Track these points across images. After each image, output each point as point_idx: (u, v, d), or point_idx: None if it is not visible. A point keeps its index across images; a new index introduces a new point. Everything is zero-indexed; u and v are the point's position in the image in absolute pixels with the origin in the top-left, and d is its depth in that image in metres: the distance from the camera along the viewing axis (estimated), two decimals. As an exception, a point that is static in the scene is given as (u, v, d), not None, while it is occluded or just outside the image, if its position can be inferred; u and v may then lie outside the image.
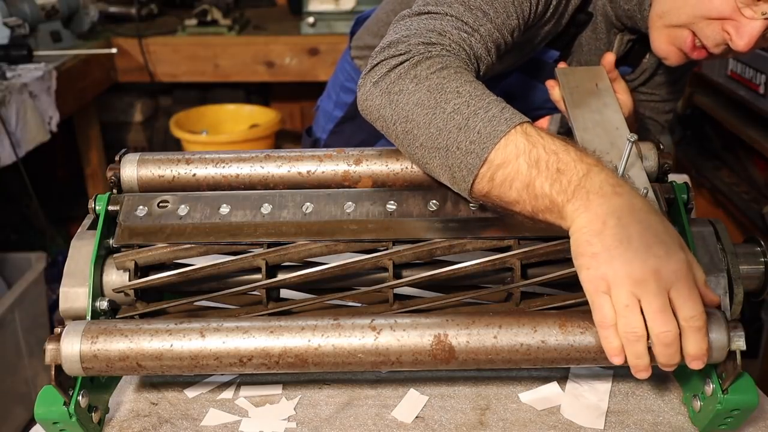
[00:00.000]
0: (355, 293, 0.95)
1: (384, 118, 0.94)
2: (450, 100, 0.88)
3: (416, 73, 0.92)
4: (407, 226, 0.92)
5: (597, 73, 1.10)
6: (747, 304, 0.92)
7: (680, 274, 0.74)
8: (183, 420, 0.91)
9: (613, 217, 0.77)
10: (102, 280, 0.93)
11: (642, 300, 0.74)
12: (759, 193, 2.31)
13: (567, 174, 0.81)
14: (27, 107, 2.23)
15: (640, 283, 0.74)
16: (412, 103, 0.90)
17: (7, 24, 2.44)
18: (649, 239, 0.75)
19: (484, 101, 0.87)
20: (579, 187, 0.79)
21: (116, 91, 3.17)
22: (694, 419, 0.88)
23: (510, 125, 0.84)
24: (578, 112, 1.02)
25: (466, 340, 0.82)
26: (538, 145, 0.83)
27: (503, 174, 0.84)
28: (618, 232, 0.76)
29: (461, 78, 0.91)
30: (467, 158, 0.85)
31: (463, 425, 0.89)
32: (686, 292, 0.74)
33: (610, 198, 0.78)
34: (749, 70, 2.29)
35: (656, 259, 0.74)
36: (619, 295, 0.75)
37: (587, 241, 0.77)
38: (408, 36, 0.96)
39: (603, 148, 0.95)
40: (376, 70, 0.95)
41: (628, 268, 0.74)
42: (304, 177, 0.99)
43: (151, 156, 1.01)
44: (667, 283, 0.74)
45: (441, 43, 0.95)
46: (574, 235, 0.79)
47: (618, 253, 0.75)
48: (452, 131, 0.87)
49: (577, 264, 0.79)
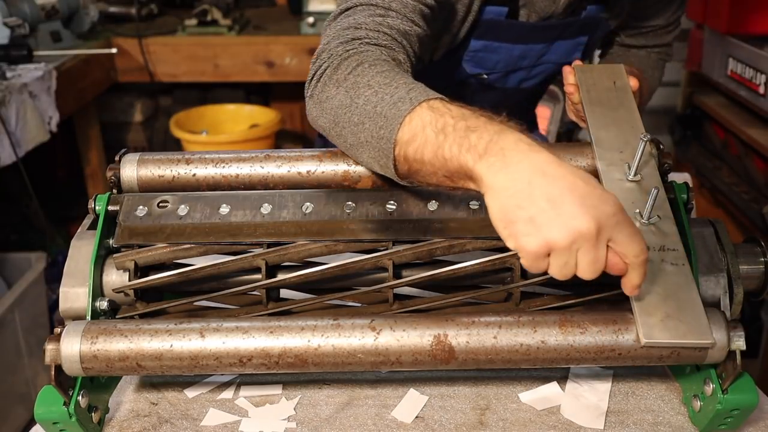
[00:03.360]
0: (355, 293, 0.95)
1: (323, 128, 0.96)
2: (361, 94, 0.88)
3: (337, 77, 0.93)
4: (407, 226, 0.92)
5: (615, 71, 1.10)
6: (747, 304, 0.92)
7: (619, 216, 0.72)
8: (183, 420, 0.91)
9: (538, 174, 0.72)
10: (102, 280, 0.93)
11: (579, 251, 0.72)
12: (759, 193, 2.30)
13: (477, 132, 0.77)
14: (27, 107, 2.23)
15: (583, 238, 0.71)
16: (335, 106, 0.91)
17: (7, 24, 2.44)
18: (579, 190, 0.72)
19: (392, 87, 0.87)
20: (492, 143, 0.75)
21: (116, 91, 3.17)
22: (694, 419, 0.88)
23: (414, 103, 0.83)
24: (594, 110, 1.02)
25: (465, 340, 0.82)
26: (446, 115, 0.81)
27: (414, 148, 0.82)
28: (548, 190, 0.71)
29: (374, 69, 0.91)
30: (381, 144, 0.85)
31: (463, 425, 0.89)
32: (629, 231, 0.73)
33: (528, 154, 0.74)
34: (749, 70, 2.29)
35: (594, 210, 0.71)
36: (560, 256, 0.72)
37: (517, 205, 0.72)
38: (328, 42, 0.97)
39: (617, 146, 0.95)
40: (310, 84, 0.97)
41: (571, 223, 0.70)
42: (304, 177, 0.99)
43: (151, 156, 1.01)
44: (608, 231, 0.72)
45: (358, 37, 0.96)
46: (497, 198, 0.74)
47: (555, 214, 0.71)
48: (366, 123, 0.87)
49: (507, 231, 0.74)
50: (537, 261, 0.73)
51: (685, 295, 0.80)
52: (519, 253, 0.74)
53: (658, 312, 0.78)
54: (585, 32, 1.31)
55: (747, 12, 2.37)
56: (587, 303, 0.92)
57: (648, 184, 0.90)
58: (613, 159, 0.94)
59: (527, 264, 0.74)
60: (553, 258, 0.73)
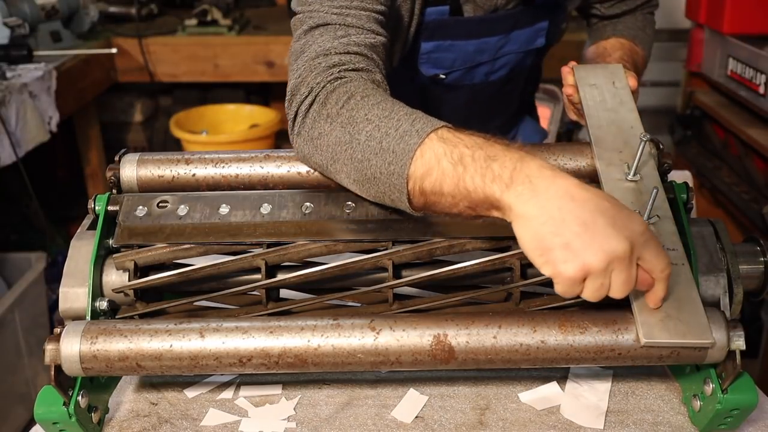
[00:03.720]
0: (355, 293, 0.95)
1: (318, 165, 0.94)
2: (362, 129, 0.87)
3: (328, 112, 0.91)
4: (407, 226, 0.92)
5: (614, 71, 1.10)
6: (747, 304, 0.92)
7: (647, 234, 0.74)
8: (183, 420, 0.91)
9: (567, 199, 0.73)
10: (102, 280, 0.93)
11: (614, 272, 0.73)
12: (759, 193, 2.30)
13: (498, 161, 0.77)
14: (27, 107, 2.23)
15: (619, 260, 0.72)
16: (332, 143, 0.90)
17: (7, 24, 2.44)
18: (609, 212, 0.73)
19: (393, 120, 0.86)
20: (516, 171, 0.76)
21: (116, 91, 3.17)
22: (694, 419, 0.88)
23: (422, 135, 0.82)
24: (593, 110, 1.02)
25: (465, 340, 0.82)
26: (459, 145, 0.80)
27: (431, 182, 0.81)
28: (579, 214, 0.72)
29: (369, 102, 0.89)
30: (392, 180, 0.84)
31: (463, 425, 0.89)
32: (656, 248, 0.74)
33: (554, 180, 0.74)
34: (749, 70, 2.29)
35: (625, 230, 0.72)
36: (596, 279, 0.73)
37: (552, 232, 0.73)
38: (303, 75, 0.95)
39: (617, 147, 0.95)
40: (295, 121, 0.95)
41: (607, 246, 0.71)
42: (303, 177, 0.99)
43: (151, 156, 1.01)
44: (639, 249, 0.73)
45: (333, 64, 0.94)
46: (529, 227, 0.74)
47: (590, 238, 0.72)
48: (371, 159, 0.85)
49: (544, 259, 0.74)
50: (573, 287, 0.74)
51: (685, 294, 0.80)
52: (555, 279, 0.74)
53: (658, 312, 0.78)
54: (543, 18, 1.31)
55: (747, 12, 2.36)
56: (587, 303, 0.91)
57: (647, 184, 0.90)
58: (612, 159, 0.94)
59: (562, 290, 0.74)
60: (589, 281, 0.73)
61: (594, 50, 1.38)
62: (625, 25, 1.41)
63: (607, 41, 1.38)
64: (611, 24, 1.43)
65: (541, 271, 0.75)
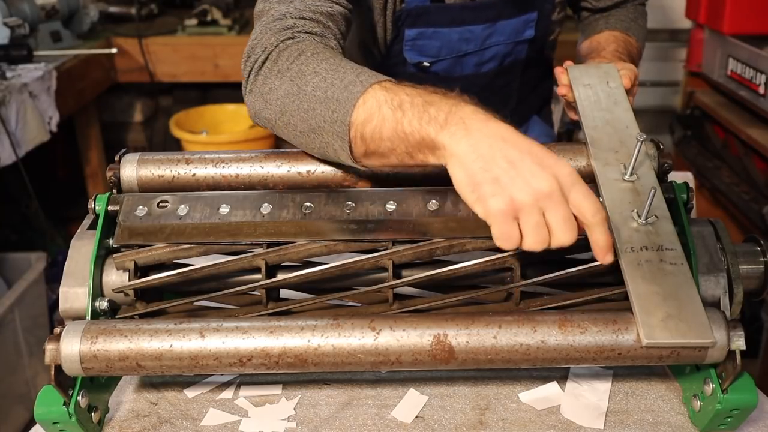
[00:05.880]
0: (355, 293, 0.95)
1: (267, 120, 0.97)
2: (309, 81, 0.91)
3: (279, 68, 0.95)
4: (407, 226, 0.92)
5: (608, 71, 1.10)
6: (747, 304, 0.92)
7: (574, 176, 0.76)
8: (183, 420, 0.91)
9: (498, 139, 0.77)
10: (102, 280, 0.93)
11: (547, 212, 0.75)
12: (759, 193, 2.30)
13: (435, 105, 0.81)
14: (27, 107, 2.23)
15: (547, 196, 0.74)
16: (281, 96, 0.93)
17: (7, 24, 2.44)
18: (536, 153, 0.76)
19: (340, 72, 0.89)
20: (451, 114, 0.79)
21: (116, 91, 3.17)
22: (694, 419, 0.88)
23: (365, 85, 0.86)
24: (588, 110, 1.02)
25: (465, 340, 0.82)
26: (400, 93, 0.84)
27: (371, 128, 0.85)
28: (508, 153, 0.76)
29: (318, 57, 0.93)
30: (335, 128, 0.87)
31: (463, 425, 0.89)
32: (584, 191, 0.76)
33: (487, 123, 0.79)
34: (749, 70, 2.29)
35: (551, 169, 0.75)
36: (530, 215, 0.75)
37: (483, 169, 0.76)
38: (259, 36, 0.99)
39: (613, 147, 0.95)
40: (248, 80, 0.99)
41: (533, 182, 0.74)
42: (303, 177, 0.99)
43: (151, 156, 1.01)
44: (566, 188, 0.75)
45: (288, 26, 0.99)
46: (462, 164, 0.77)
47: (517, 172, 0.75)
48: (316, 108, 0.89)
49: (475, 195, 0.77)
50: (506, 223, 0.75)
51: (684, 294, 0.80)
52: (488, 219, 0.76)
53: (659, 312, 0.78)
54: (530, 9, 1.31)
55: (747, 12, 2.37)
56: (587, 303, 0.92)
57: (644, 184, 0.90)
58: (608, 159, 0.94)
59: (499, 231, 0.76)
60: (523, 220, 0.75)
61: (588, 45, 1.37)
62: (617, 18, 1.40)
63: (600, 35, 1.37)
64: (603, 18, 1.42)
65: (474, 209, 0.77)
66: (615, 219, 0.87)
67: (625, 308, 0.83)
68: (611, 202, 0.88)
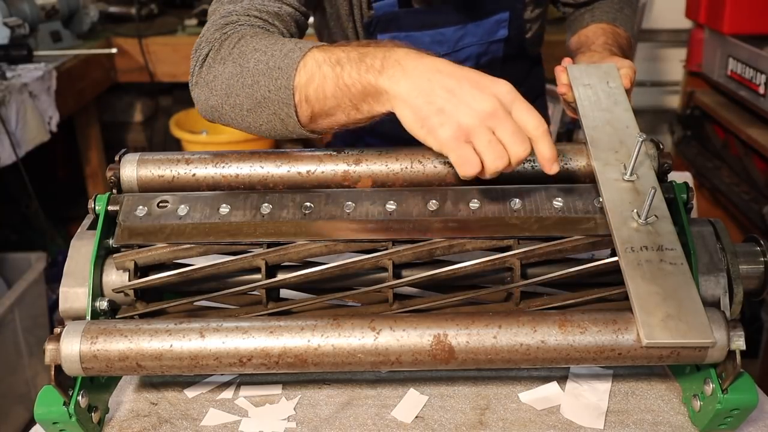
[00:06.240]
0: (355, 293, 0.95)
1: (214, 108, 1.00)
2: (251, 58, 0.95)
3: (221, 56, 0.98)
4: (407, 226, 0.92)
5: (608, 71, 1.10)
6: (747, 304, 0.92)
7: (513, 93, 0.81)
8: (183, 420, 0.91)
9: (434, 72, 0.81)
10: (102, 280, 0.93)
11: (496, 130, 0.80)
12: (759, 193, 2.30)
13: (370, 55, 0.86)
14: (27, 107, 2.23)
15: (491, 115, 0.79)
16: (225, 79, 0.97)
17: (7, 24, 2.44)
18: (473, 78, 0.81)
19: (279, 44, 0.94)
20: (386, 59, 0.84)
21: (116, 91, 3.17)
22: (694, 419, 0.88)
23: (304, 50, 0.90)
24: (588, 110, 1.02)
25: (465, 340, 0.82)
26: (336, 51, 0.89)
27: (314, 88, 0.88)
28: (446, 81, 0.81)
29: (257, 37, 0.97)
30: (280, 95, 0.91)
31: (463, 425, 0.89)
32: (524, 107, 0.81)
33: (420, 59, 0.83)
34: (749, 70, 2.29)
35: (489, 89, 0.80)
36: (480, 135, 0.79)
37: (426, 102, 0.80)
38: (205, 34, 1.03)
39: (612, 146, 0.95)
40: (193, 74, 1.02)
41: (475, 104, 0.79)
42: (303, 177, 0.99)
43: (151, 156, 1.01)
44: (507, 105, 0.81)
45: (232, 21, 1.03)
46: (406, 103, 0.82)
47: (459, 98, 0.79)
48: (260, 81, 0.92)
49: (425, 130, 0.81)
50: (460, 148, 0.80)
51: (684, 294, 0.80)
52: (443, 149, 0.81)
53: (659, 312, 0.78)
54: (501, 9, 1.31)
55: (747, 12, 2.37)
56: (587, 303, 0.92)
57: (644, 184, 0.90)
58: (608, 159, 0.94)
59: (456, 157, 0.80)
60: (475, 141, 0.80)
61: (576, 40, 1.36)
62: (602, 10, 1.38)
63: (587, 29, 1.36)
64: (588, 11, 1.40)
65: (428, 144, 0.82)
66: (615, 219, 0.87)
67: (625, 308, 0.83)
68: (611, 202, 0.88)
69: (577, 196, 0.94)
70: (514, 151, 0.80)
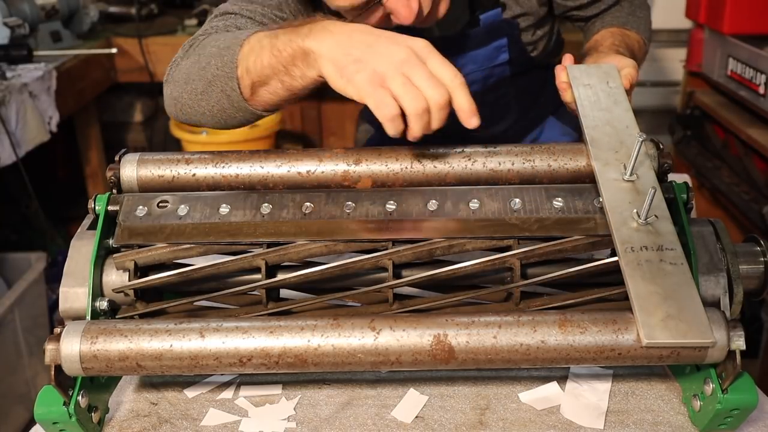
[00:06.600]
0: (355, 293, 0.95)
1: (176, 99, 1.08)
2: (209, 46, 1.05)
3: (186, 55, 1.09)
4: (407, 226, 0.92)
5: (608, 71, 1.10)
6: (747, 304, 0.92)
7: (428, 48, 0.88)
8: (183, 420, 0.91)
9: (355, 30, 0.90)
10: (102, 280, 0.93)
11: (411, 75, 0.85)
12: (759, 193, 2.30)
13: (303, 25, 0.94)
14: (27, 107, 2.23)
15: (404, 62, 0.86)
16: (186, 68, 1.07)
17: (7, 24, 2.44)
18: (390, 35, 0.89)
19: (233, 33, 1.04)
20: (314, 26, 0.93)
21: (116, 91, 3.17)
22: (694, 419, 0.88)
23: (252, 32, 0.99)
24: (588, 110, 1.02)
25: (465, 340, 0.82)
26: (276, 29, 0.98)
27: (253, 59, 0.97)
28: (365, 37, 0.89)
29: (219, 34, 1.07)
30: (226, 70, 0.99)
31: (463, 425, 0.89)
32: (440, 60, 0.87)
33: (345, 24, 0.93)
34: (749, 70, 2.29)
35: (404, 42, 0.88)
36: (394, 79, 0.85)
37: (345, 54, 0.88)
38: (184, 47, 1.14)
39: (612, 146, 0.95)
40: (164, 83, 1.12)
41: (390, 54, 0.86)
42: (303, 177, 0.99)
43: (151, 156, 1.01)
44: (422, 57, 0.86)
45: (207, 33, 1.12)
46: (328, 58, 0.89)
47: (375, 49, 0.87)
48: (211, 62, 1.02)
49: (344, 79, 0.88)
50: (376, 91, 0.86)
51: (684, 294, 0.80)
52: (360, 95, 0.87)
53: (659, 312, 0.78)
54: (497, 36, 1.34)
55: (747, 12, 2.36)
56: (587, 303, 0.92)
57: (644, 184, 0.90)
58: (608, 159, 0.94)
59: (373, 101, 0.86)
60: (391, 86, 0.85)
61: (587, 45, 1.38)
62: (612, 16, 1.40)
63: (597, 34, 1.37)
64: (599, 19, 1.42)
65: (348, 94, 0.88)
66: (615, 219, 0.87)
67: (625, 308, 0.83)
68: (611, 202, 0.88)
69: (577, 196, 0.94)
70: (430, 94, 0.85)
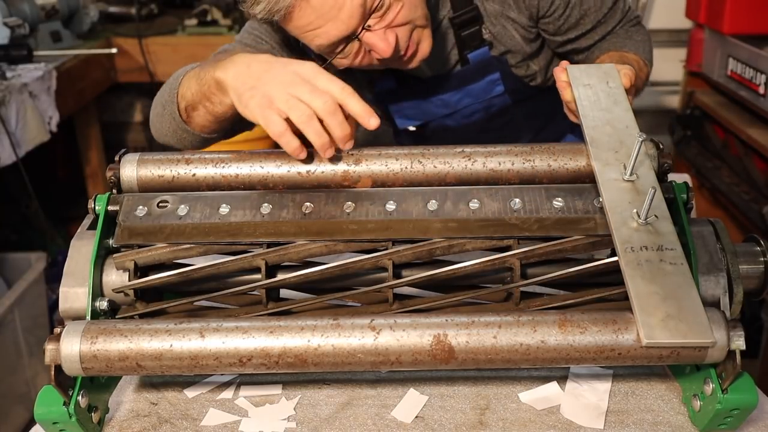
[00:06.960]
0: (355, 293, 0.95)
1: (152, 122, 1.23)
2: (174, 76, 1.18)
3: None
4: (407, 226, 0.92)
5: (608, 71, 1.10)
6: (747, 304, 0.92)
7: (315, 69, 0.96)
8: (183, 420, 0.91)
9: (254, 61, 1.01)
10: (102, 280, 0.93)
11: (296, 93, 0.94)
12: (759, 193, 2.30)
13: (222, 60, 1.05)
14: (27, 107, 2.23)
15: (290, 83, 0.95)
16: (158, 95, 1.22)
17: (7, 24, 2.44)
18: (282, 63, 0.99)
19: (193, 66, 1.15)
20: (228, 59, 1.04)
21: (116, 91, 3.17)
22: (694, 419, 0.88)
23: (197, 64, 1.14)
24: (588, 110, 1.02)
25: (465, 340, 0.82)
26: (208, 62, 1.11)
27: (186, 86, 1.11)
28: (260, 66, 0.99)
29: None
30: (172, 96, 1.14)
31: (463, 425, 0.89)
32: (327, 77, 0.95)
33: (249, 56, 1.03)
34: (749, 70, 2.29)
35: (293, 67, 0.97)
36: (280, 98, 0.94)
37: (242, 83, 0.99)
38: None
39: (612, 146, 0.95)
40: None
41: (278, 78, 0.96)
42: (303, 177, 0.99)
43: (151, 156, 1.01)
44: (308, 77, 0.95)
45: None
46: (232, 86, 1.01)
47: (267, 77, 0.97)
48: (166, 88, 1.18)
49: (242, 105, 0.99)
50: (265, 113, 0.95)
51: (684, 294, 0.80)
52: (254, 117, 0.97)
53: (659, 312, 0.78)
54: (490, 71, 1.36)
55: (747, 12, 2.36)
56: (587, 303, 0.92)
57: (644, 184, 0.90)
58: (608, 159, 0.94)
59: (262, 120, 0.96)
60: (278, 104, 0.94)
61: None
62: (610, 43, 1.39)
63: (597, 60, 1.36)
64: (597, 48, 1.41)
65: (247, 117, 0.99)
66: (615, 219, 0.87)
67: (625, 308, 0.83)
68: (611, 202, 0.88)
69: (577, 196, 0.94)
70: (316, 104, 0.93)
